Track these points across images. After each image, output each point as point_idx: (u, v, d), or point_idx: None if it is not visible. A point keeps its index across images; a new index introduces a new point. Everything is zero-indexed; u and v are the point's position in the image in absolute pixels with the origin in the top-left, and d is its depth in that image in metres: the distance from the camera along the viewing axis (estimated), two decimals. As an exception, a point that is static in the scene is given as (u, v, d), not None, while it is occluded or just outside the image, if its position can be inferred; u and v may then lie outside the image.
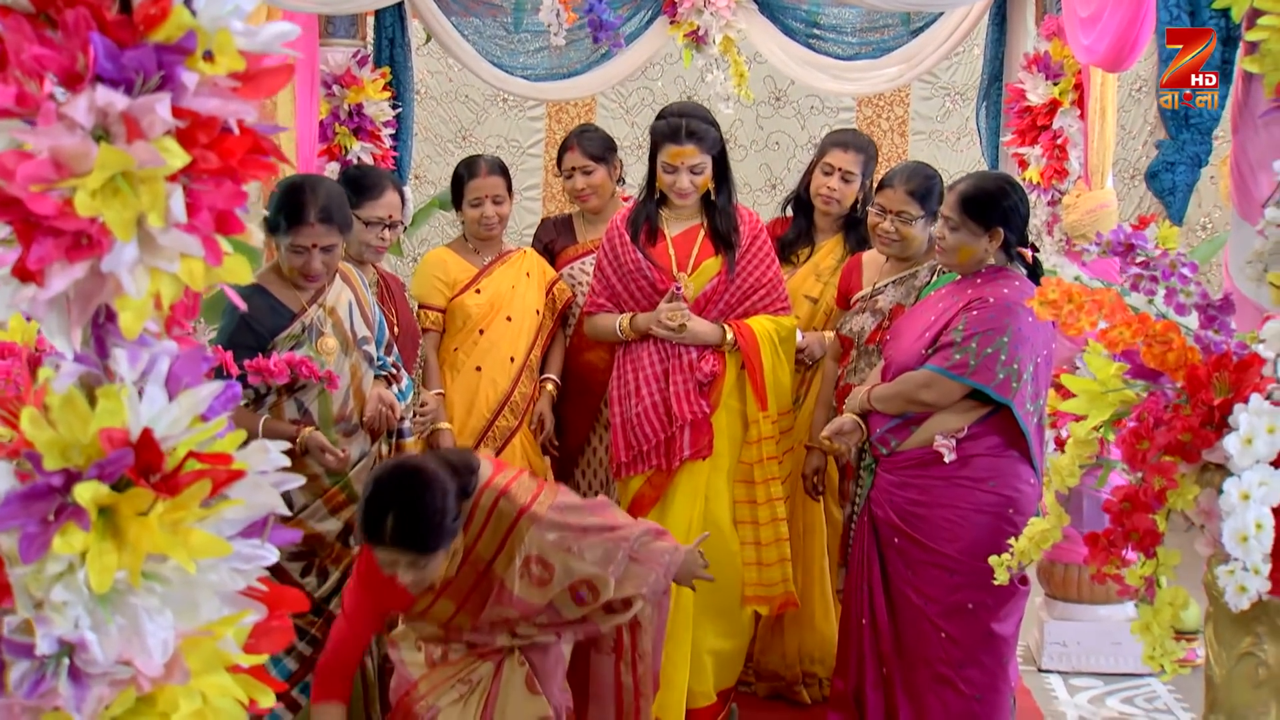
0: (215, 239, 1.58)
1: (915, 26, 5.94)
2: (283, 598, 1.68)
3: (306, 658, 4.05)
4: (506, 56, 5.93)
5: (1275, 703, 2.44)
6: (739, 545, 4.75)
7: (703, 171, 4.67)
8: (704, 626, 4.73)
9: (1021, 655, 5.85)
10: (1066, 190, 5.51)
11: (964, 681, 4.10)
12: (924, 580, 4.13)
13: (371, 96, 5.70)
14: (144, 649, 1.55)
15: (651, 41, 5.88)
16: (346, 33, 5.78)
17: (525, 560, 3.57)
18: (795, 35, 5.90)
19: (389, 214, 4.63)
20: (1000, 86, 5.87)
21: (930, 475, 4.11)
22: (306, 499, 4.05)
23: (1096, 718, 5.22)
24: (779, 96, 8.68)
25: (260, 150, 1.63)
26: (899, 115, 8.73)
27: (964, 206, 4.10)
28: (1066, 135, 5.47)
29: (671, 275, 4.72)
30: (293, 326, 4.01)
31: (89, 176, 1.50)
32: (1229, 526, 2.16)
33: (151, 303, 1.57)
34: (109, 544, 1.54)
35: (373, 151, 5.68)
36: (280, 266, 4.09)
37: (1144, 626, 2.38)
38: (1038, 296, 2.38)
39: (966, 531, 4.06)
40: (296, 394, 3.97)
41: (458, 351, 5.00)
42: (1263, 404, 2.24)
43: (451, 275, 5.06)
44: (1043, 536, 2.56)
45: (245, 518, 1.64)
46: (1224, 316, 2.32)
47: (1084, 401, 2.47)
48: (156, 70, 1.55)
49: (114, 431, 1.54)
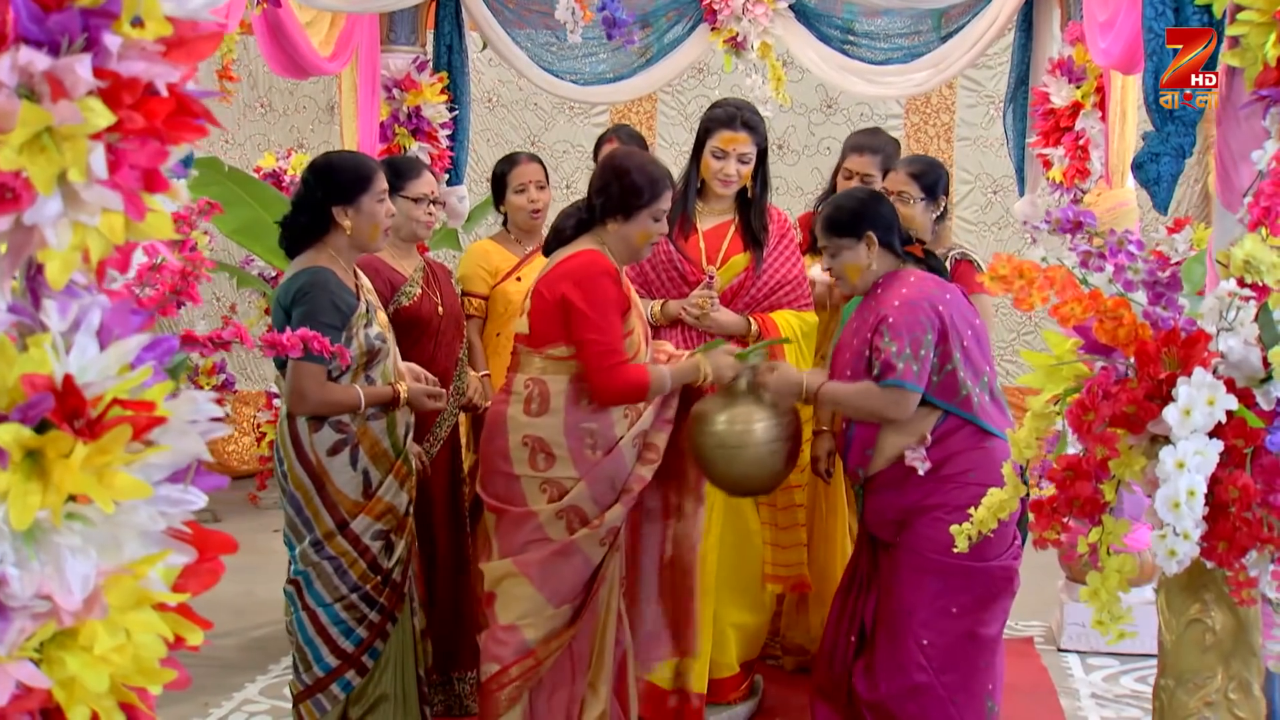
0: (138, 195, 1.55)
1: (946, 32, 5.84)
2: (210, 540, 1.66)
3: (376, 625, 4.06)
4: (556, 62, 5.93)
5: (1222, 666, 2.37)
6: (759, 525, 4.71)
7: (749, 162, 4.64)
8: (726, 601, 4.70)
9: (1042, 636, 5.76)
10: (1088, 190, 5.40)
11: (942, 686, 3.93)
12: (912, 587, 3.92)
13: (429, 100, 5.70)
14: (64, 585, 1.53)
15: (693, 47, 5.85)
16: (407, 40, 5.80)
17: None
18: (831, 41, 5.83)
19: (430, 190, 4.64)
20: (1026, 90, 5.76)
21: (912, 484, 3.89)
22: (381, 474, 4.05)
23: (1110, 695, 5.10)
24: (830, 104, 8.59)
25: (190, 112, 1.61)
26: (945, 122, 8.61)
27: (829, 228, 4.03)
28: (1088, 136, 5.36)
29: (701, 267, 4.68)
30: (360, 306, 4.02)
31: (13, 133, 1.49)
32: (1162, 493, 2.09)
33: (79, 256, 1.55)
34: (34, 484, 1.53)
35: (429, 151, 5.68)
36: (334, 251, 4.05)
37: (1092, 593, 2.30)
38: (989, 272, 2.31)
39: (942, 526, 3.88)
40: (369, 371, 4.02)
41: (500, 336, 4.99)
42: (1205, 377, 2.16)
43: (494, 264, 5.07)
44: (1000, 506, 2.48)
45: (172, 463, 1.62)
46: (1171, 293, 2.24)
47: (1040, 375, 2.40)
48: (81, 33, 1.53)
49: (36, 377, 1.53)
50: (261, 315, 7.29)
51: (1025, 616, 5.99)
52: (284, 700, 4.66)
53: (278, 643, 5.43)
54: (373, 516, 4.02)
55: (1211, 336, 2.25)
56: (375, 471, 4.04)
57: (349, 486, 4.00)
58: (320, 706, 4.09)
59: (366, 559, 4.03)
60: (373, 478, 4.03)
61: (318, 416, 3.98)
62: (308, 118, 9.12)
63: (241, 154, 8.82)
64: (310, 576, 4.04)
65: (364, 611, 4.04)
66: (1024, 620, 5.95)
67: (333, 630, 4.04)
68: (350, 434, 3.98)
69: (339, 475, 3.99)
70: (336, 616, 4.03)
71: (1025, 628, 5.87)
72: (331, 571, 4.01)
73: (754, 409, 4.05)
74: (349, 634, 4.04)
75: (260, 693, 5.08)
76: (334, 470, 3.99)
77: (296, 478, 4.02)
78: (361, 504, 4.02)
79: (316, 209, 4.04)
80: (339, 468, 3.99)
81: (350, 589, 4.02)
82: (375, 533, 4.04)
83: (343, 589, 4.02)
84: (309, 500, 4.00)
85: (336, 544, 4.00)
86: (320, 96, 9.00)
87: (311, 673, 4.07)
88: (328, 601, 4.02)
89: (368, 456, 4.02)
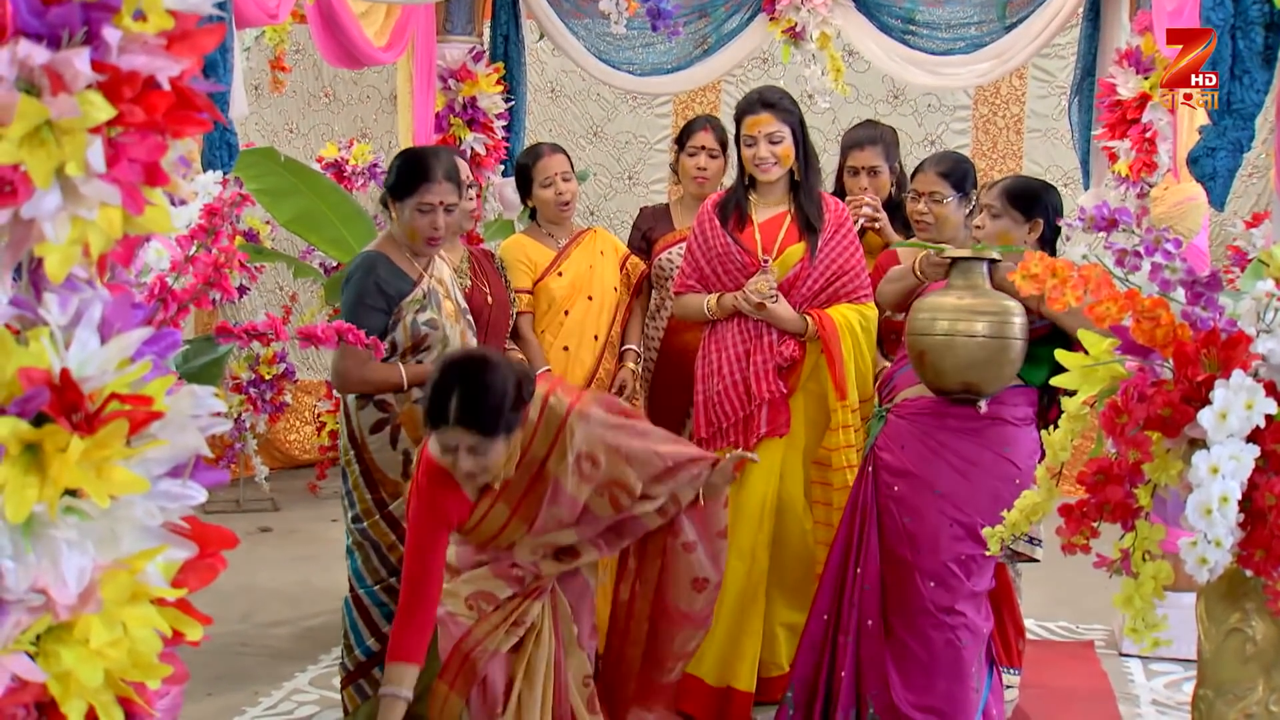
0: (137, 189, 1.56)
1: (1010, 22, 5.77)
2: (210, 535, 1.67)
3: None
4: (613, 53, 5.93)
5: (1263, 677, 2.32)
6: (812, 524, 4.67)
7: (781, 140, 4.58)
8: (776, 600, 4.67)
9: (1103, 640, 5.68)
10: (1155, 183, 5.31)
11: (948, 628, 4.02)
12: (921, 528, 4.03)
13: (485, 90, 5.72)
14: (60, 579, 1.55)
15: (751, 37, 5.83)
16: (463, 30, 5.82)
17: (578, 457, 3.55)
18: (891, 31, 5.78)
19: (464, 177, 4.64)
20: (1093, 81, 5.67)
21: (946, 426, 4.03)
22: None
23: (1171, 702, 5.02)
24: (897, 95, 8.52)
25: (192, 106, 1.61)
26: (1014, 113, 8.50)
27: (1007, 196, 4.10)
28: (1156, 129, 5.26)
29: (758, 260, 4.65)
30: (415, 292, 4.09)
31: (11, 126, 1.50)
32: (1195, 499, 2.04)
33: (78, 250, 1.56)
34: (31, 478, 1.54)
35: (485, 142, 5.70)
36: (395, 238, 4.17)
37: (1126, 600, 2.26)
38: (1020, 270, 2.27)
39: (970, 485, 3.98)
40: (419, 356, 4.07)
41: (544, 333, 4.99)
42: (1244, 379, 2.11)
43: (532, 258, 5.06)
44: (1033, 509, 2.44)
45: (171, 457, 1.63)
46: (1210, 293, 2.19)
47: (1075, 376, 2.35)
48: (81, 26, 1.54)
49: (33, 371, 1.54)
50: (322, 305, 7.35)
51: (1087, 620, 5.92)
52: (332, 691, 4.70)
53: (330, 633, 5.47)
54: None
55: (1252, 338, 2.20)
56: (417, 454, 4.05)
57: (389, 466, 4.08)
58: (362, 692, 4.13)
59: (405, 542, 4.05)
60: (414, 459, 4.04)
61: (364, 395, 4.04)
62: (371, 107, 9.17)
63: (305, 144, 8.89)
64: (356, 557, 4.10)
65: None
66: (1085, 624, 5.88)
67: (375, 613, 4.11)
68: (393, 413, 4.05)
69: (379, 453, 4.08)
70: (378, 599, 4.10)
71: (1087, 631, 5.80)
72: (372, 553, 4.07)
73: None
74: (391, 617, 4.06)
75: (310, 683, 5.11)
76: (374, 447, 4.07)
77: (345, 452, 4.13)
78: (402, 485, 4.06)
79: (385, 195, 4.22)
80: (379, 446, 4.07)
81: (390, 573, 4.09)
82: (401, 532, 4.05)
83: (382, 571, 4.09)
84: (353, 475, 4.11)
85: (376, 525, 4.06)
86: (384, 86, 9.04)
87: (353, 656, 4.14)
88: (369, 583, 4.08)
89: (410, 438, 4.07)
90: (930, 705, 4.03)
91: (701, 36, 5.80)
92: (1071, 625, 5.88)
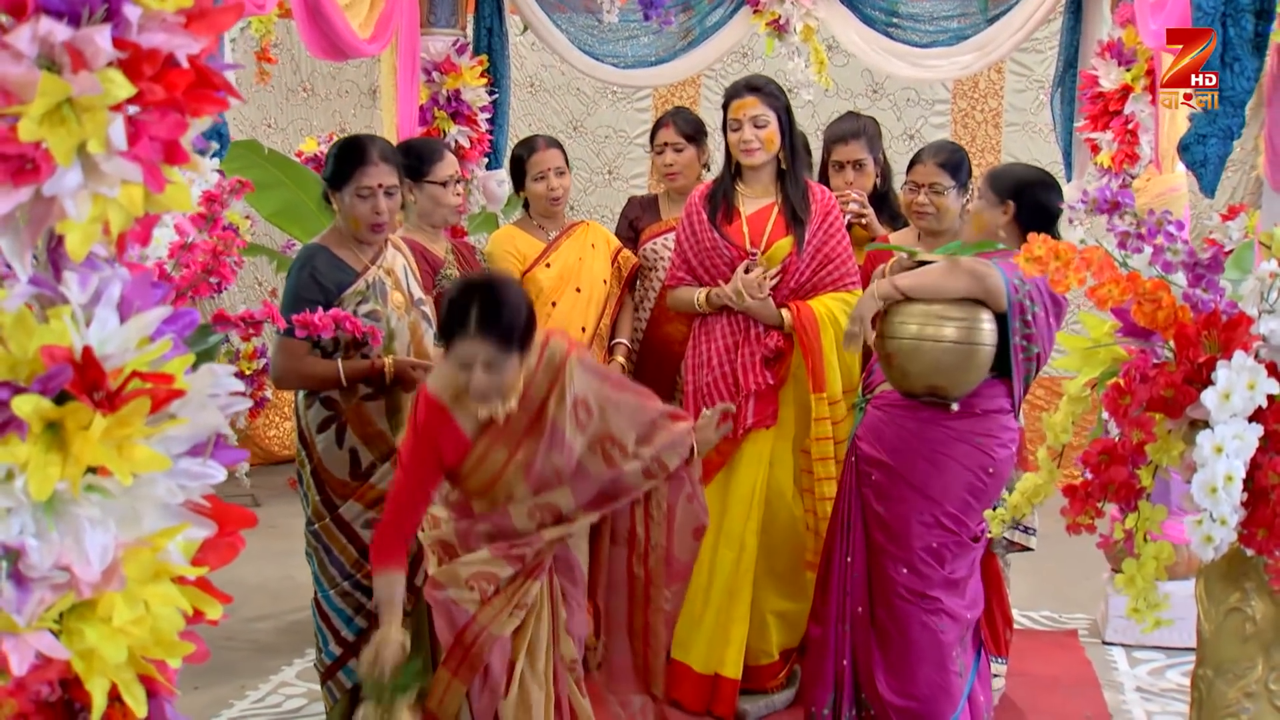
0: (158, 167, 1.56)
1: (992, 14, 5.79)
2: (230, 515, 1.67)
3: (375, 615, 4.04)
4: (597, 45, 5.92)
5: (1262, 656, 2.34)
6: (801, 511, 4.69)
7: (766, 125, 4.60)
8: (767, 588, 4.69)
9: (1086, 629, 5.71)
10: (1137, 175, 5.34)
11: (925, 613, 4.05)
12: (894, 516, 4.07)
13: (469, 83, 5.70)
14: (83, 556, 1.55)
15: (735, 30, 5.83)
16: (447, 22, 5.80)
17: (574, 403, 3.51)
18: (874, 24, 5.79)
19: (454, 171, 4.65)
20: (1075, 73, 5.70)
21: (919, 417, 4.05)
22: (375, 457, 4.01)
23: (1155, 689, 5.06)
24: (876, 89, 8.55)
25: (210, 85, 1.61)
26: (993, 107, 8.54)
27: (986, 179, 4.16)
28: (1138, 120, 5.29)
29: (745, 253, 4.65)
30: (357, 284, 4.00)
31: (33, 104, 1.50)
32: (1199, 478, 2.06)
33: (99, 228, 1.56)
34: (54, 456, 1.54)
35: (469, 135, 5.69)
36: (340, 229, 4.09)
37: (1128, 580, 2.28)
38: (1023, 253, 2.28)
39: (943, 476, 4.01)
40: (363, 350, 3.95)
41: None
42: (1245, 360, 2.13)
43: (520, 249, 5.05)
44: (1034, 491, 2.46)
45: (191, 436, 1.63)
46: (1212, 275, 2.21)
47: (1075, 358, 2.37)
48: (101, 4, 1.54)
49: (55, 349, 1.54)
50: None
51: (1070, 609, 5.96)
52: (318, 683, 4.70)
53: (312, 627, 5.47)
54: (364, 504, 3.99)
55: (1253, 319, 2.22)
56: (367, 453, 4.01)
57: (335, 465, 4.00)
58: (331, 694, 4.10)
59: (357, 546, 4.00)
60: (362, 458, 4.01)
61: (310, 391, 4.01)
62: (350, 102, 9.15)
63: (284, 138, 8.86)
64: (313, 560, 4.07)
65: (360, 600, 4.02)
66: (1068, 613, 5.92)
67: (335, 619, 4.06)
68: (340, 411, 3.99)
69: (326, 452, 4.00)
70: (334, 604, 4.05)
71: (1070, 620, 5.84)
72: (325, 556, 4.03)
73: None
74: (349, 623, 4.05)
75: (297, 676, 5.11)
76: (322, 446, 4.01)
77: (299, 452, 4.10)
78: (350, 485, 4.00)
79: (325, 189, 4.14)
80: (326, 445, 4.00)
81: (343, 576, 4.02)
82: (366, 521, 3.99)
83: (337, 576, 4.02)
84: (305, 475, 4.05)
85: (327, 529, 4.01)
86: (362, 81, 9.03)
87: (321, 659, 4.11)
88: (326, 588, 4.04)
89: (357, 436, 3.99)
90: (912, 693, 4.06)
91: (685, 29, 5.80)
92: (1055, 614, 5.92)
